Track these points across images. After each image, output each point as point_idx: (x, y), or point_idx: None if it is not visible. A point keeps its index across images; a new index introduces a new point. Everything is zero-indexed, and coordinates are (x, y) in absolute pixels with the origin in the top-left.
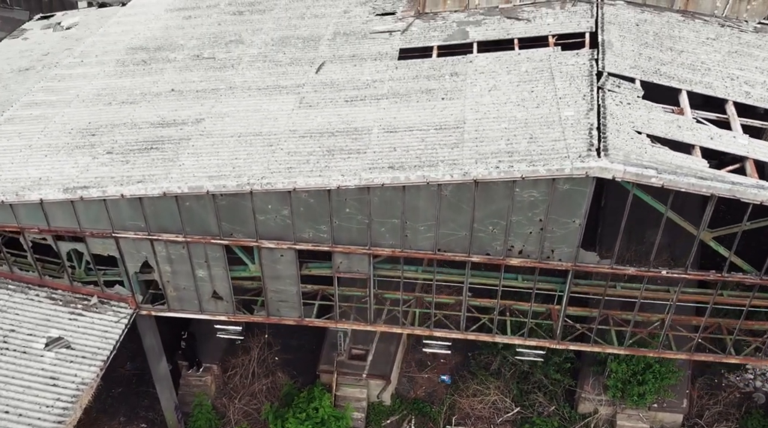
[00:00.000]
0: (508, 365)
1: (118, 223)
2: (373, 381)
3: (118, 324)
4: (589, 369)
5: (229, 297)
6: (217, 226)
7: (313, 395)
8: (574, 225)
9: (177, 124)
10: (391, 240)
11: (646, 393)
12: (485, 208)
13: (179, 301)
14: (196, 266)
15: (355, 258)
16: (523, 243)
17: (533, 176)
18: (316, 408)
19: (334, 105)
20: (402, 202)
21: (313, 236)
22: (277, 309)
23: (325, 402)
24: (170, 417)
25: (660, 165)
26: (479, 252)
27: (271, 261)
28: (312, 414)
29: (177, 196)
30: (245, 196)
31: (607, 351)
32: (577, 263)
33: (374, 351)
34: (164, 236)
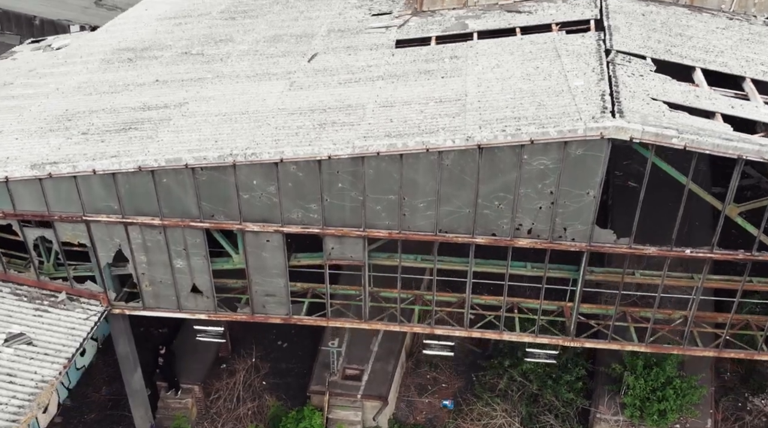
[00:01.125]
0: (516, 385)
1: (90, 205)
2: (369, 403)
3: (87, 321)
4: (604, 388)
5: (210, 291)
6: (197, 206)
7: (302, 415)
8: (588, 197)
9: (159, 108)
10: (387, 220)
11: (667, 411)
12: (491, 180)
13: (155, 297)
14: (174, 255)
15: (348, 243)
16: (532, 221)
17: (543, 139)
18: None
19: (326, 86)
20: (399, 174)
21: (302, 217)
22: (263, 306)
23: (316, 421)
24: None
25: (680, 127)
26: (484, 232)
27: (257, 248)
28: None
29: (153, 172)
30: (227, 170)
31: (626, 348)
32: (592, 243)
33: (370, 371)
34: (139, 219)
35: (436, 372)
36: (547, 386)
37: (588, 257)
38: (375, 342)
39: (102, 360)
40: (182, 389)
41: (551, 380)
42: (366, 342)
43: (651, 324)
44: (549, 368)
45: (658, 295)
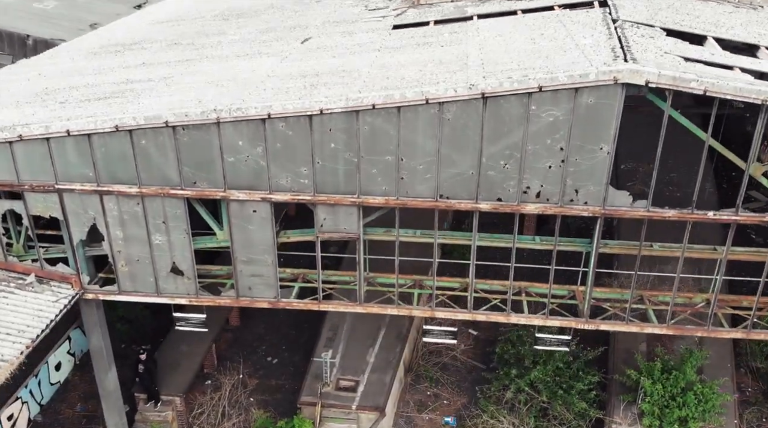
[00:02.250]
0: (524, 397)
1: (63, 173)
2: (365, 415)
3: (55, 303)
4: (619, 398)
5: (191, 271)
6: (178, 172)
7: (292, 424)
8: (602, 154)
9: (143, 82)
10: (384, 184)
11: (688, 420)
12: (496, 136)
13: (132, 279)
14: (152, 229)
15: (341, 213)
16: (541, 183)
17: (552, 86)
18: None
19: (320, 59)
20: (397, 131)
21: (291, 183)
22: (249, 288)
23: None
24: None
25: (699, 73)
26: (489, 197)
27: (242, 221)
28: None
29: (131, 133)
30: (211, 128)
31: (646, 331)
32: (606, 207)
33: (366, 382)
34: (116, 188)
35: (438, 388)
36: (557, 396)
37: (602, 224)
38: (371, 353)
39: (78, 377)
40: (162, 401)
41: (562, 390)
42: (361, 353)
43: (671, 307)
44: (559, 377)
45: (677, 275)
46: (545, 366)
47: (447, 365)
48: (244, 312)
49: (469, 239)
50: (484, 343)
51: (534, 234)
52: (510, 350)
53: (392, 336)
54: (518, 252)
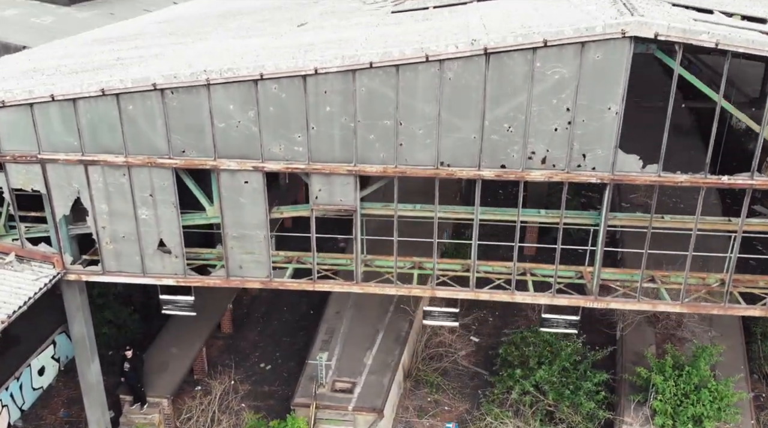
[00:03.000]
0: (529, 399)
1: (47, 142)
2: (362, 417)
3: (36, 282)
4: (629, 399)
5: (179, 248)
6: (166, 140)
7: (285, 424)
8: (610, 114)
9: (133, 58)
10: (382, 151)
11: (703, 419)
12: (499, 96)
13: (117, 258)
14: (139, 202)
15: (337, 184)
16: (546, 147)
17: (557, 40)
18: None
19: (315, 35)
20: (395, 92)
21: (285, 151)
22: (240, 267)
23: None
24: None
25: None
26: (492, 164)
27: (233, 193)
28: None
29: (118, 97)
30: (200, 91)
31: (658, 309)
32: (616, 172)
33: (363, 383)
34: (101, 157)
35: (438, 394)
36: (564, 397)
37: (611, 192)
38: (369, 355)
39: (63, 383)
40: (149, 403)
41: (569, 390)
42: (358, 356)
43: (684, 285)
44: (566, 378)
45: (690, 253)
46: (551, 367)
47: (448, 371)
48: (237, 319)
49: (472, 213)
50: (486, 350)
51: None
52: (513, 352)
53: (391, 339)
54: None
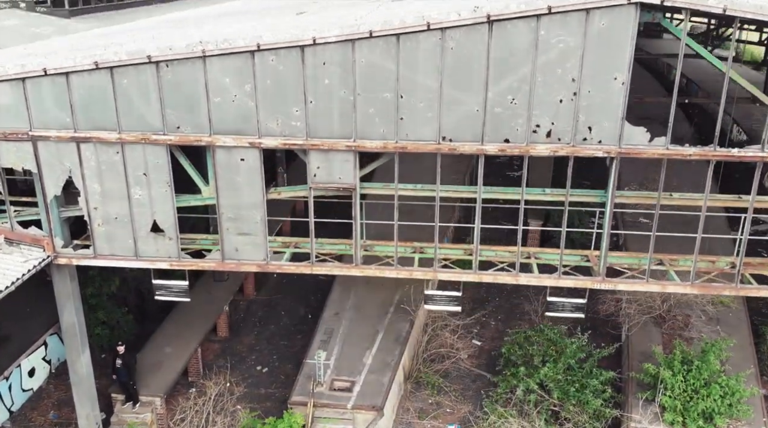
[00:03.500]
0: (534, 397)
1: (39, 119)
2: (362, 416)
3: (24, 264)
4: (636, 397)
5: (173, 230)
6: (161, 116)
7: (281, 421)
8: (616, 84)
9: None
10: (382, 126)
11: (714, 415)
12: (503, 67)
13: (109, 241)
14: (132, 181)
15: (336, 161)
16: (551, 119)
17: (562, 6)
18: None
19: (316, 17)
20: (396, 63)
21: (282, 126)
22: (236, 249)
23: (296, 425)
24: None
25: None
26: (495, 138)
27: (229, 172)
28: None
29: (112, 71)
30: (196, 64)
31: (668, 290)
32: (623, 145)
33: (363, 382)
34: (94, 134)
35: (440, 395)
36: (569, 395)
37: (618, 166)
38: (368, 355)
39: (53, 385)
40: (141, 402)
41: (574, 388)
42: (358, 355)
43: (694, 266)
44: (571, 376)
45: (699, 235)
46: (555, 365)
47: (449, 373)
48: (233, 323)
49: (474, 192)
50: (489, 353)
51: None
52: (517, 351)
53: (391, 339)
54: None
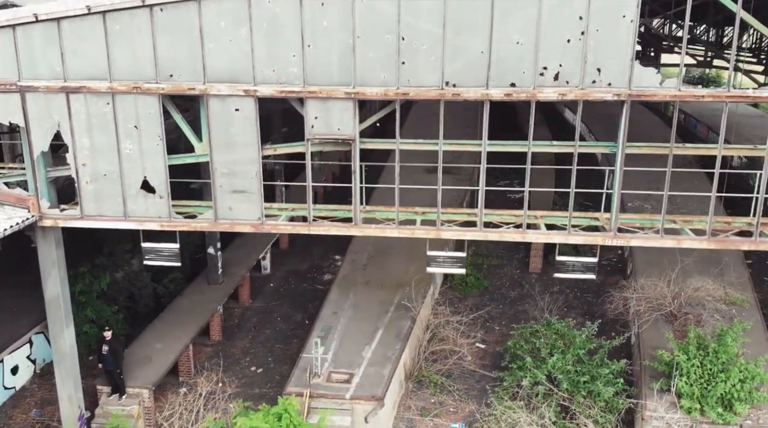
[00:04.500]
0: (542, 388)
1: (28, 69)
2: (361, 406)
3: (7, 220)
4: (650, 388)
5: (164, 187)
6: (153, 64)
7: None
8: (625, 23)
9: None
10: (383, 73)
11: (733, 401)
12: (508, 6)
13: (97, 200)
14: (122, 135)
15: (335, 110)
16: (559, 61)
17: None
18: (279, 415)
19: None
20: (397, 4)
21: (278, 73)
22: (230, 208)
23: (292, 409)
24: None
25: None
26: (501, 82)
27: (223, 123)
28: (273, 424)
29: (105, 15)
30: (191, 7)
31: (683, 245)
32: (633, 87)
33: (362, 375)
34: (84, 84)
35: (443, 395)
36: (580, 386)
37: (629, 110)
38: (367, 350)
39: (37, 384)
40: (128, 394)
41: (585, 379)
42: (357, 350)
43: (710, 223)
44: (580, 367)
45: (713, 194)
46: (564, 356)
47: (452, 373)
48: (227, 330)
49: (479, 145)
50: (493, 355)
51: (543, 260)
52: (523, 346)
53: (391, 335)
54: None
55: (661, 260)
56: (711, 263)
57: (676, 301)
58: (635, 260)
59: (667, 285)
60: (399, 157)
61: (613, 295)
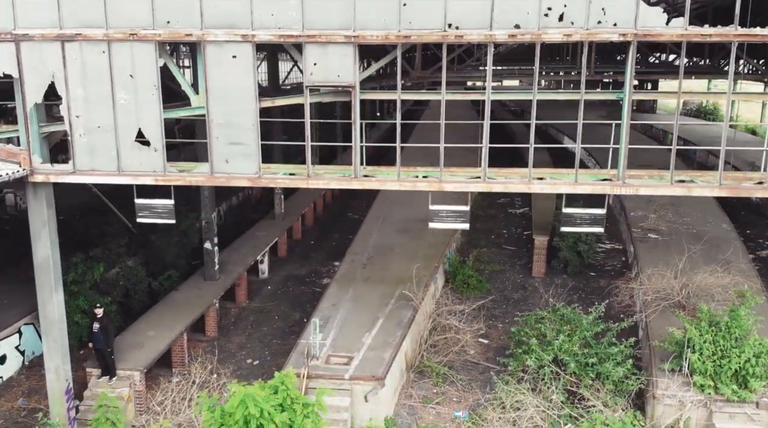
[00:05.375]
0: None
1: (24, 16)
2: (360, 386)
3: None
4: (661, 368)
5: (159, 139)
6: (150, 9)
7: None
8: None
9: None
10: (384, 16)
11: (748, 378)
12: None
13: (90, 154)
14: (118, 85)
15: (335, 55)
16: (563, 1)
17: None
18: (275, 388)
19: None
20: None
21: (277, 17)
22: (226, 161)
23: (289, 382)
24: (56, 404)
25: None
26: (505, 24)
27: (220, 71)
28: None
29: None
30: None
31: (693, 193)
32: (639, 27)
33: (362, 358)
34: (80, 31)
35: (445, 385)
36: (588, 368)
37: (635, 52)
38: (368, 336)
39: (25, 375)
40: (119, 376)
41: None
42: (356, 336)
43: (721, 171)
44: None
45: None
46: (571, 338)
47: (455, 364)
48: (224, 328)
49: (483, 94)
50: (496, 349)
51: (546, 264)
52: (528, 332)
53: (392, 323)
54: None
55: (667, 262)
56: (717, 262)
57: (684, 291)
58: (640, 261)
59: (674, 277)
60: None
61: (620, 288)
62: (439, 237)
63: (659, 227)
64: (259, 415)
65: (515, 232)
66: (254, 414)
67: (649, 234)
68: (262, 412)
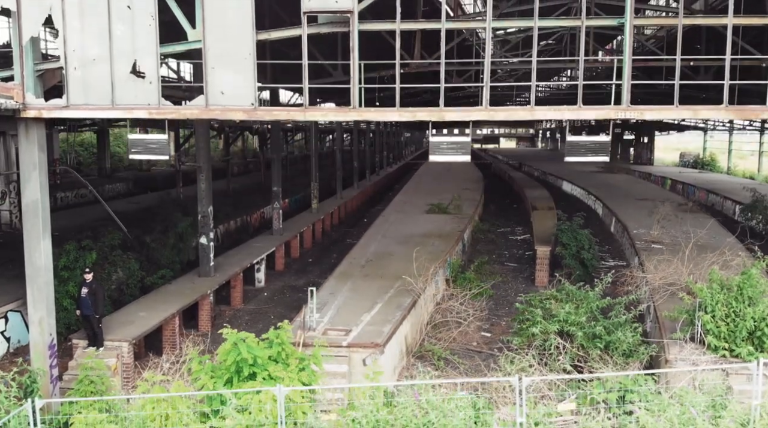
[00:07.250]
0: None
1: None
2: (358, 354)
3: None
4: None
5: (154, 72)
6: None
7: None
8: None
9: None
10: None
11: (763, 338)
12: None
13: (84, 88)
14: (115, 16)
15: None
16: None
17: None
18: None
19: None
20: None
21: None
22: (222, 93)
23: (283, 336)
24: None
25: None
26: None
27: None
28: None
29: None
30: None
31: (699, 116)
32: None
33: (360, 330)
34: None
35: (448, 368)
36: (597, 339)
37: None
38: (366, 315)
39: (9, 361)
40: (106, 347)
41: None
42: (355, 315)
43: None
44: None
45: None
46: (577, 309)
47: (457, 351)
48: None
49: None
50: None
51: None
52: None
53: (392, 307)
54: None
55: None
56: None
57: (691, 277)
58: (645, 264)
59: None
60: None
61: (626, 275)
62: (439, 246)
63: (662, 240)
64: (252, 362)
65: (516, 253)
66: (247, 359)
67: (652, 244)
68: (255, 360)
